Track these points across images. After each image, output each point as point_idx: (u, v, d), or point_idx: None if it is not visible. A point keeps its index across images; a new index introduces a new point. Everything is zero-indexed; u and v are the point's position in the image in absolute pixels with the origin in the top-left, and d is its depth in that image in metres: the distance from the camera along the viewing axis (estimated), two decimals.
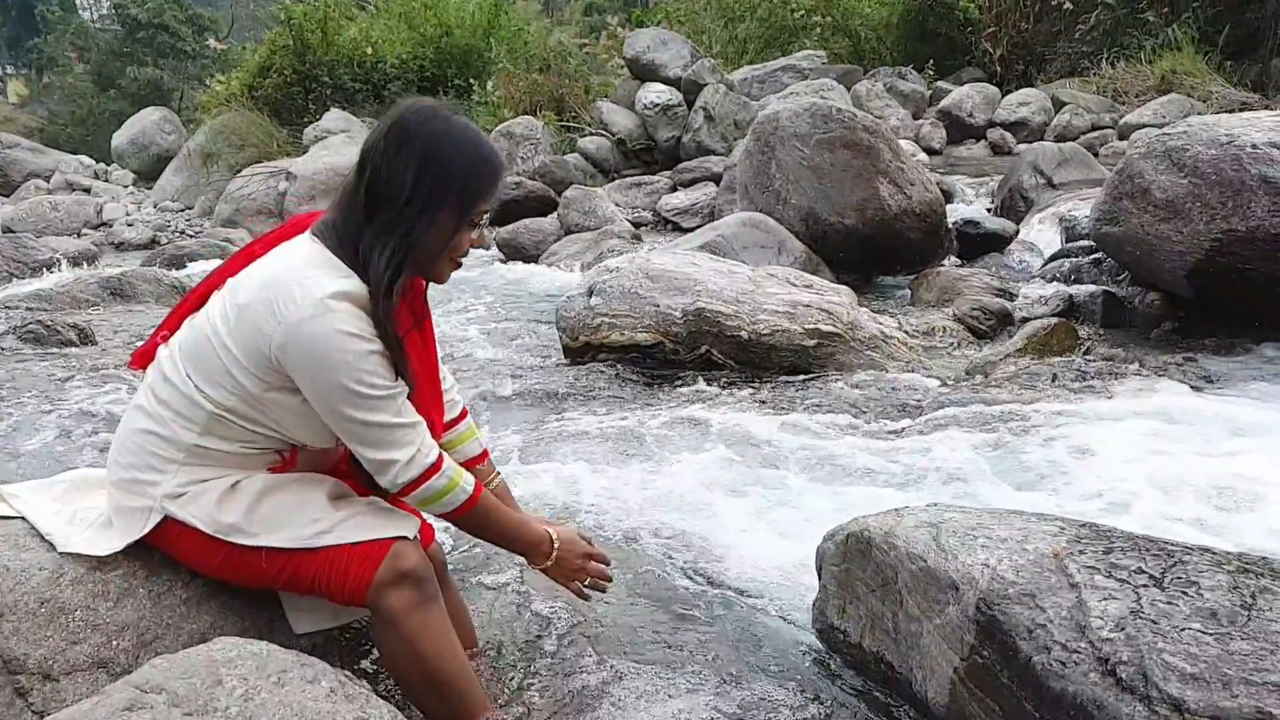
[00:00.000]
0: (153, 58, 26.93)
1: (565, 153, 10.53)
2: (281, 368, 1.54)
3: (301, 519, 1.61)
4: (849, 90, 10.36)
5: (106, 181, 14.88)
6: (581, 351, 4.26)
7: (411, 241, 1.55)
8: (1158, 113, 8.37)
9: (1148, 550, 1.54)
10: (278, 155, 11.74)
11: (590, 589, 1.85)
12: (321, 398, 1.54)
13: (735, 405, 3.60)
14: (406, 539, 1.62)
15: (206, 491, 1.61)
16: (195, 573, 1.70)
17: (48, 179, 14.51)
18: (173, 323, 1.73)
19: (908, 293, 5.44)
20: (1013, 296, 4.89)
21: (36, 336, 4.82)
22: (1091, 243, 4.96)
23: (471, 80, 12.50)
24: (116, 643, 1.60)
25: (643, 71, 11.08)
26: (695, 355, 4.07)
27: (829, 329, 4.01)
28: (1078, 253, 5.22)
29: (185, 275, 7.13)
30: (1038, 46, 11.80)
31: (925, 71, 11.90)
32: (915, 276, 5.51)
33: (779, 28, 13.85)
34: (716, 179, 8.68)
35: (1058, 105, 9.79)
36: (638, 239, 7.59)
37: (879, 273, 5.88)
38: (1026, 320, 4.49)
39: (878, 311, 4.68)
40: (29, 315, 5.46)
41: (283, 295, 1.51)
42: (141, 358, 1.74)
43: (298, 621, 1.74)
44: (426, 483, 1.59)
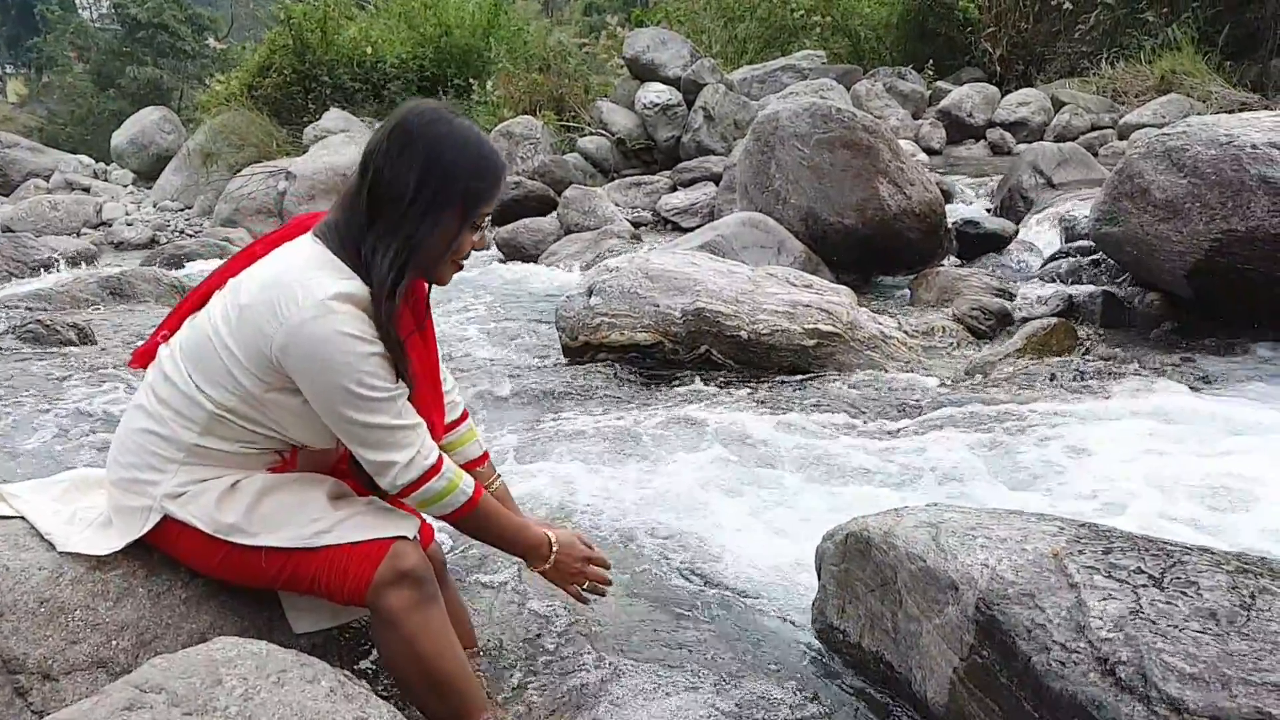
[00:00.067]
0: (152, 57, 26.91)
1: (565, 152, 10.53)
2: (282, 369, 1.54)
3: (301, 519, 1.61)
4: (849, 90, 10.36)
5: (106, 181, 14.88)
6: (581, 351, 4.26)
7: (414, 244, 1.55)
8: (1157, 113, 8.38)
9: (1147, 550, 1.54)
10: (277, 155, 11.74)
11: (589, 593, 1.84)
12: (322, 399, 1.54)
13: (732, 405, 3.59)
14: (406, 539, 1.63)
15: (206, 491, 1.61)
16: (195, 572, 1.70)
17: (47, 178, 14.52)
18: (173, 322, 1.73)
19: (907, 293, 5.44)
20: (1012, 296, 4.89)
21: (36, 336, 4.82)
22: (1091, 243, 4.96)
23: (471, 80, 12.50)
24: (116, 642, 1.60)
25: (642, 71, 11.07)
26: (695, 355, 4.07)
27: (828, 329, 4.02)
28: (1077, 253, 5.22)
29: (184, 275, 7.14)
30: (1037, 46, 11.80)
31: (925, 71, 11.90)
32: (915, 276, 5.52)
33: (779, 27, 13.86)
34: (716, 179, 8.68)
35: (1057, 105, 9.79)
36: (637, 239, 7.60)
37: (879, 273, 5.89)
38: (1026, 320, 4.49)
39: (877, 311, 4.68)
40: (28, 315, 5.46)
41: (285, 296, 1.51)
42: (142, 357, 1.74)
43: (297, 621, 1.74)
44: (426, 485, 1.60)
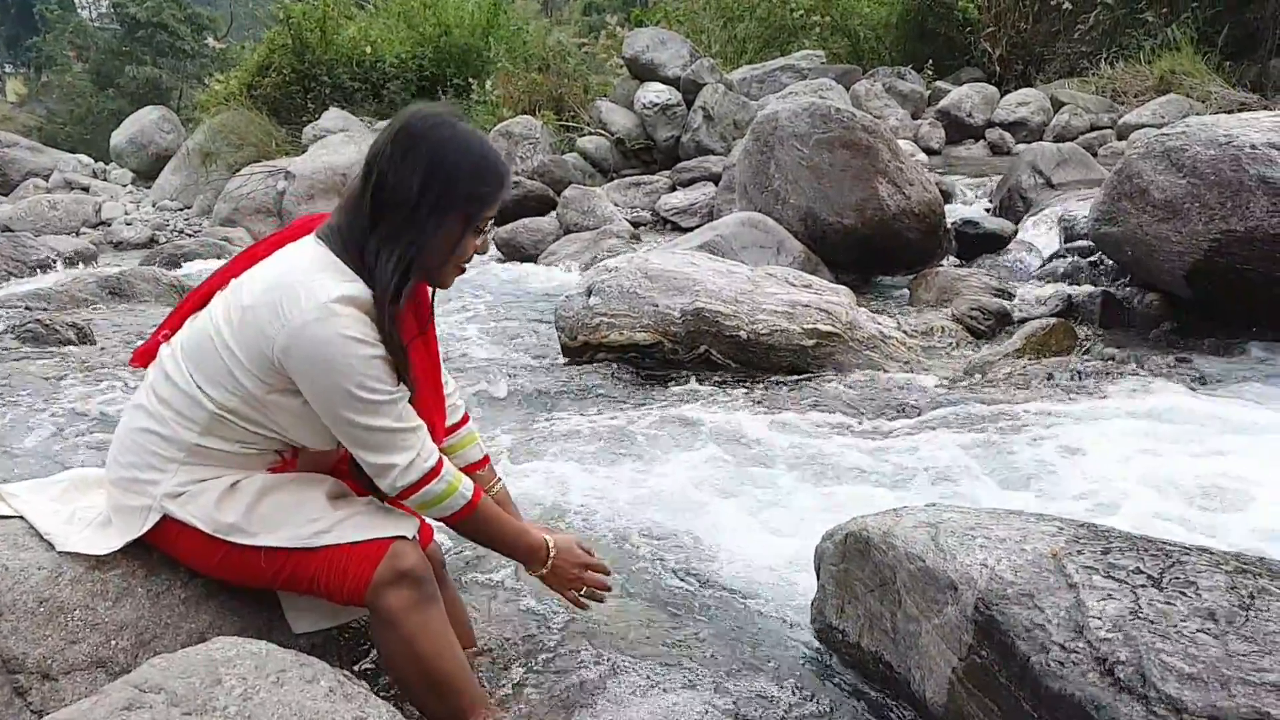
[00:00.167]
0: (151, 57, 26.88)
1: (564, 152, 10.51)
2: (284, 370, 1.54)
3: (300, 519, 1.61)
4: (848, 90, 10.35)
5: (105, 180, 14.87)
6: (580, 351, 4.26)
7: (417, 247, 1.56)
8: (1157, 113, 8.37)
9: (1146, 550, 1.54)
10: (276, 154, 11.73)
11: (588, 599, 1.84)
12: (323, 401, 1.54)
13: (729, 405, 3.59)
14: (405, 539, 1.63)
15: (206, 491, 1.61)
16: (194, 572, 1.70)
17: (46, 178, 14.50)
18: (174, 321, 1.73)
19: (906, 293, 5.44)
20: (1011, 296, 4.90)
21: (35, 335, 4.82)
22: (1090, 243, 4.96)
23: (470, 79, 12.48)
24: (115, 642, 1.60)
25: (642, 71, 11.06)
26: (694, 355, 4.08)
27: (828, 329, 4.02)
28: (1076, 253, 5.22)
29: (184, 274, 7.14)
30: (1037, 46, 11.79)
31: (924, 71, 11.89)
32: (914, 276, 5.51)
33: (778, 27, 13.84)
34: (715, 179, 8.67)
35: (1056, 105, 9.78)
36: (636, 239, 7.59)
37: (878, 273, 5.89)
38: (1025, 320, 4.49)
39: (876, 311, 4.68)
40: (28, 314, 5.45)
41: (287, 298, 1.51)
42: (143, 356, 1.74)
43: (296, 621, 1.74)
44: (425, 487, 1.60)
